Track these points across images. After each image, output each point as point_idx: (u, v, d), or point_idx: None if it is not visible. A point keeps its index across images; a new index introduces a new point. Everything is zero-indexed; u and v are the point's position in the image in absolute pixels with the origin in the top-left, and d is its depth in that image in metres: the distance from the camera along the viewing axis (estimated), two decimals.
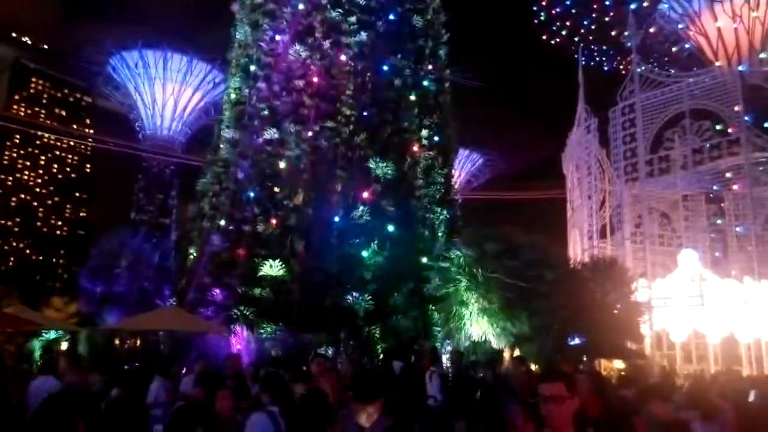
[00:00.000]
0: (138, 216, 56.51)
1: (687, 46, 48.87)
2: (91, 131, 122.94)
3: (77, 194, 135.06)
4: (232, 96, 24.91)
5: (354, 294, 19.46)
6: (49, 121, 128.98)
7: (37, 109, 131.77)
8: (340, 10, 23.26)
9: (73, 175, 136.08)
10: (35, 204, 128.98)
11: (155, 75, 57.41)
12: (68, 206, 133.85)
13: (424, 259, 20.50)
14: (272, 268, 19.83)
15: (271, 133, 22.30)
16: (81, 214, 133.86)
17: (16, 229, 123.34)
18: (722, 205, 31.10)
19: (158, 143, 59.84)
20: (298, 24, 23.53)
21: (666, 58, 49.24)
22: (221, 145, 24.29)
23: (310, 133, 22.13)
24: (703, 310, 22.30)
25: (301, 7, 23.55)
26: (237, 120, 24.06)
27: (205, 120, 57.17)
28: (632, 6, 43.75)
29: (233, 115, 24.39)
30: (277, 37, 23.74)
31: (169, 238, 27.88)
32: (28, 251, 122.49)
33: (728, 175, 26.70)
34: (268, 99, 23.04)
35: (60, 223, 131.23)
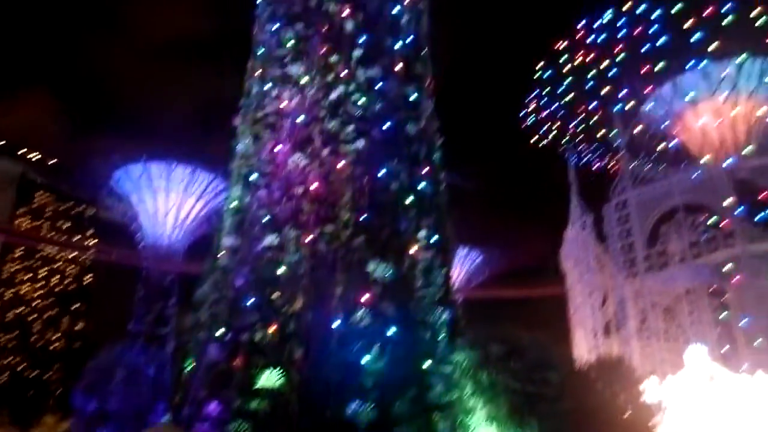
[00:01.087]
0: (135, 327, 55.54)
1: (673, 142, 50.39)
2: (93, 242, 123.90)
3: (75, 306, 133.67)
4: (233, 204, 25.33)
5: (355, 403, 18.77)
6: (52, 233, 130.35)
7: (40, 221, 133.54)
8: (338, 120, 24.25)
9: (71, 287, 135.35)
10: (32, 318, 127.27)
11: (158, 186, 58.60)
12: (65, 318, 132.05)
13: (427, 364, 19.97)
14: (270, 378, 19.28)
15: (271, 239, 22.50)
16: (77, 326, 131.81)
17: (11, 345, 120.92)
18: (725, 297, 30.83)
19: (159, 252, 60.05)
20: (298, 134, 24.45)
21: (654, 154, 50.57)
22: (221, 253, 24.40)
23: (309, 238, 22.34)
24: (718, 411, 21.42)
25: (300, 119, 24.58)
26: (237, 227, 24.34)
27: (206, 228, 57.72)
28: (617, 107, 45.53)
29: (233, 223, 24.69)
30: (278, 147, 24.57)
31: (166, 349, 27.29)
32: (21, 367, 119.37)
33: (727, 267, 26.68)
34: (268, 206, 23.47)
35: (56, 335, 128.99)
